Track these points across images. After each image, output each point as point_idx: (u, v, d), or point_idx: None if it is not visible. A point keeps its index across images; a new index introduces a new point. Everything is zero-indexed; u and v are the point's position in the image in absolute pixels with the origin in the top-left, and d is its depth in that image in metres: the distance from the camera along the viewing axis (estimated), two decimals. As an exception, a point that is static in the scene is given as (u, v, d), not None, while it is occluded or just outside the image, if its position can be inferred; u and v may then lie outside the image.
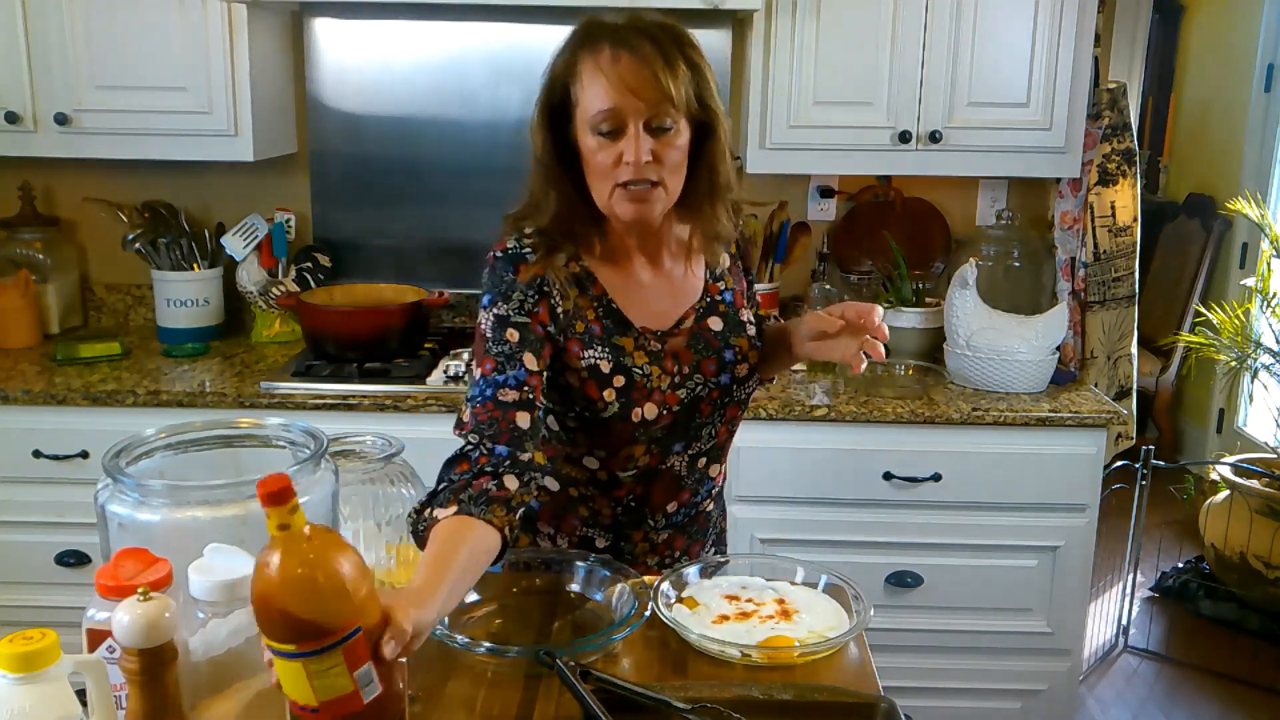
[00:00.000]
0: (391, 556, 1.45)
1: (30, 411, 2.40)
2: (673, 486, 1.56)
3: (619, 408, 1.45)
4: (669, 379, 1.48)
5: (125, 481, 1.14)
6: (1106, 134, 2.71)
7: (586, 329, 1.45)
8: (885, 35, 2.54)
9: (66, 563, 2.47)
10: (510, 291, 1.42)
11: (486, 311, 1.43)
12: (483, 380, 1.38)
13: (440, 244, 2.96)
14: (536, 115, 1.44)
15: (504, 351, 1.39)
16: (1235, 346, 3.51)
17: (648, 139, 1.36)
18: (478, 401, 1.37)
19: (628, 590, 1.39)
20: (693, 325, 1.52)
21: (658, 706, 1.14)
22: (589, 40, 1.38)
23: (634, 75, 1.34)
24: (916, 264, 2.89)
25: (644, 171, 1.36)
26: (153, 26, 2.52)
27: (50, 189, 2.97)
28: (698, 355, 1.51)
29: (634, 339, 1.48)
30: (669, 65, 1.34)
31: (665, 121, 1.36)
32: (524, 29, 2.82)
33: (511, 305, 1.42)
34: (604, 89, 1.34)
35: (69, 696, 0.95)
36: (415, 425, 2.36)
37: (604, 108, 1.35)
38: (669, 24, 1.40)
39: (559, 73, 1.40)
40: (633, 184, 1.38)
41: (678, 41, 1.37)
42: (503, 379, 1.37)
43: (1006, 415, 2.40)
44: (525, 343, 1.40)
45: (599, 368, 1.44)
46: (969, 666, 2.55)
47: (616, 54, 1.34)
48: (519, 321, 1.41)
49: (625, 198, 1.39)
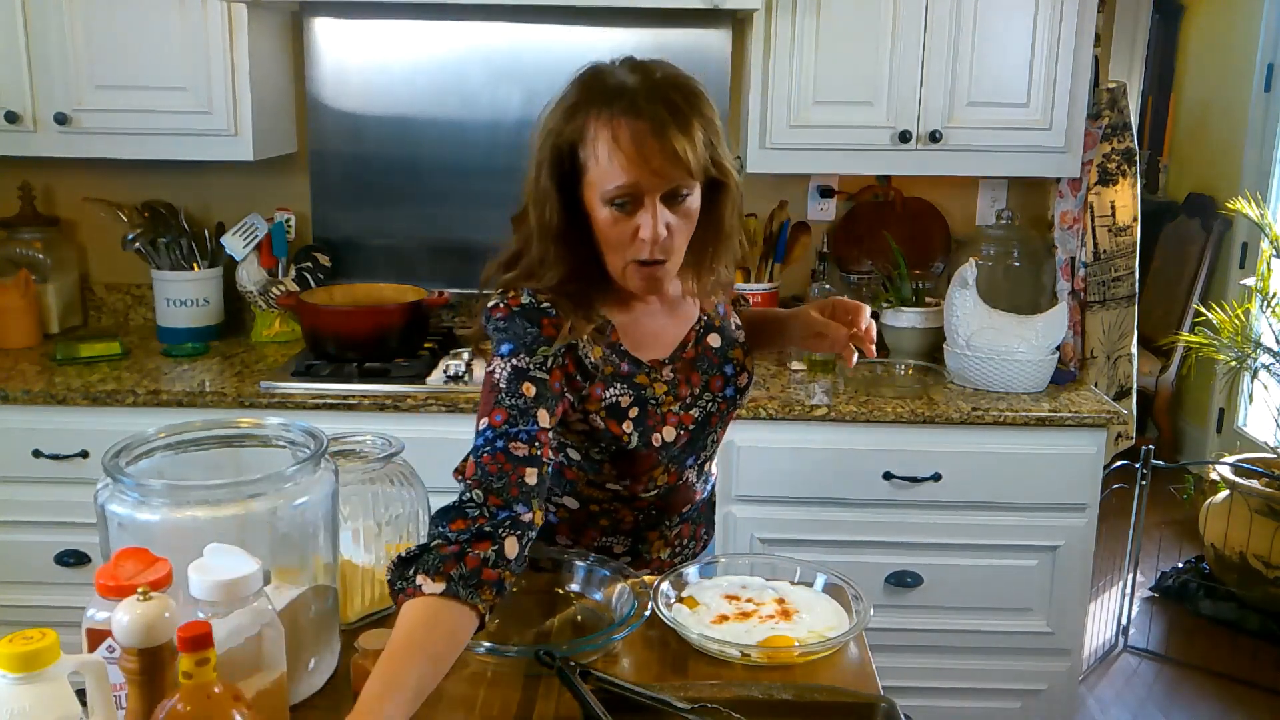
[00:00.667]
0: (391, 556, 1.44)
1: (30, 411, 2.40)
2: (685, 494, 1.60)
3: (639, 436, 1.45)
4: (680, 402, 1.50)
5: (125, 481, 1.14)
6: (1106, 134, 2.71)
7: (614, 371, 1.44)
8: (885, 35, 2.54)
9: (66, 563, 2.47)
10: (535, 346, 1.35)
11: (504, 361, 1.35)
12: (491, 430, 1.31)
13: (440, 244, 2.96)
14: (543, 178, 1.35)
15: (518, 405, 1.32)
16: (1235, 346, 3.51)
17: (665, 212, 1.32)
18: (486, 451, 1.29)
19: (628, 590, 1.39)
20: (695, 347, 1.54)
21: (658, 706, 1.14)
22: (599, 103, 1.30)
23: (653, 150, 1.27)
24: (916, 264, 2.88)
25: (663, 247, 1.33)
26: (153, 26, 2.52)
27: (50, 189, 2.97)
28: (705, 375, 1.54)
29: (647, 374, 1.48)
30: (687, 135, 1.28)
31: (681, 190, 1.32)
32: (524, 29, 2.82)
33: (535, 360, 1.35)
34: (621, 165, 1.28)
35: (69, 696, 0.95)
36: (415, 425, 2.36)
37: (621, 184, 1.29)
38: (680, 81, 1.33)
39: (567, 134, 1.33)
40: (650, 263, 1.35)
41: (690, 101, 1.31)
42: (515, 431, 1.30)
43: (1006, 415, 2.40)
44: (541, 399, 1.33)
45: (619, 404, 1.44)
46: (969, 666, 2.55)
47: (633, 125, 1.28)
48: (538, 377, 1.34)
49: (638, 274, 1.37)
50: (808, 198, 2.97)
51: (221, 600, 1.03)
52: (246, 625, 1.04)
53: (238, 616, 1.04)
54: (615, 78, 1.32)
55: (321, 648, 1.25)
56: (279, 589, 1.18)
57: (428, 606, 1.13)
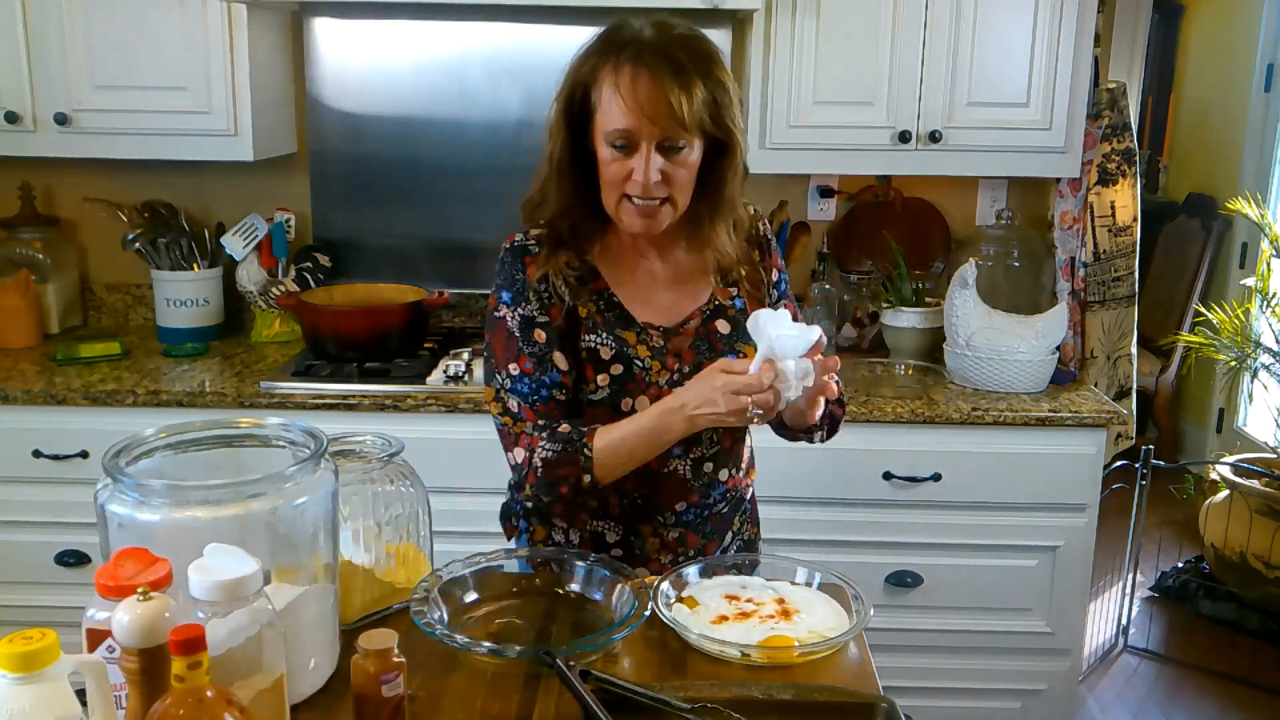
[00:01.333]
0: (391, 556, 1.45)
1: (30, 411, 2.40)
2: (679, 488, 1.57)
3: (608, 394, 1.50)
4: (668, 375, 1.51)
5: (125, 481, 1.14)
6: (1106, 134, 2.71)
7: (589, 317, 1.51)
8: (885, 35, 2.54)
9: (66, 563, 2.47)
10: (525, 290, 1.49)
11: (511, 310, 1.50)
12: (529, 380, 1.48)
13: (440, 244, 2.96)
14: (555, 114, 1.46)
15: (535, 353, 1.48)
16: (1235, 346, 3.51)
17: (658, 158, 1.40)
18: (535, 399, 1.48)
19: (628, 590, 1.39)
20: (699, 326, 1.55)
21: (658, 706, 1.14)
22: (613, 51, 1.41)
23: (650, 99, 1.37)
24: (916, 264, 2.89)
25: (652, 190, 1.41)
26: (153, 26, 2.52)
27: (50, 189, 2.97)
28: (699, 356, 1.53)
29: (636, 333, 1.52)
30: (685, 89, 1.37)
31: (678, 142, 1.40)
32: (524, 29, 2.82)
33: (533, 306, 1.49)
34: (621, 109, 1.38)
35: (69, 696, 0.95)
36: (415, 425, 2.36)
37: (619, 126, 1.39)
38: (695, 40, 1.42)
39: (581, 76, 1.44)
40: (640, 200, 1.43)
41: (700, 61, 1.39)
42: (549, 380, 1.48)
43: (1006, 415, 2.40)
44: (551, 343, 1.49)
45: (598, 353, 1.50)
46: (969, 666, 2.55)
47: (636, 73, 1.37)
48: (543, 321, 1.49)
49: (633, 211, 1.44)
50: (808, 198, 2.97)
51: (221, 600, 1.03)
52: (246, 625, 1.04)
53: (238, 616, 1.04)
54: (632, 29, 1.42)
55: (321, 648, 1.25)
56: (279, 589, 1.18)
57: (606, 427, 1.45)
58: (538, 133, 2.86)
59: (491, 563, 1.48)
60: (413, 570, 1.46)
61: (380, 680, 1.12)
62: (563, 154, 1.46)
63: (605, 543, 1.60)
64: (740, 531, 1.72)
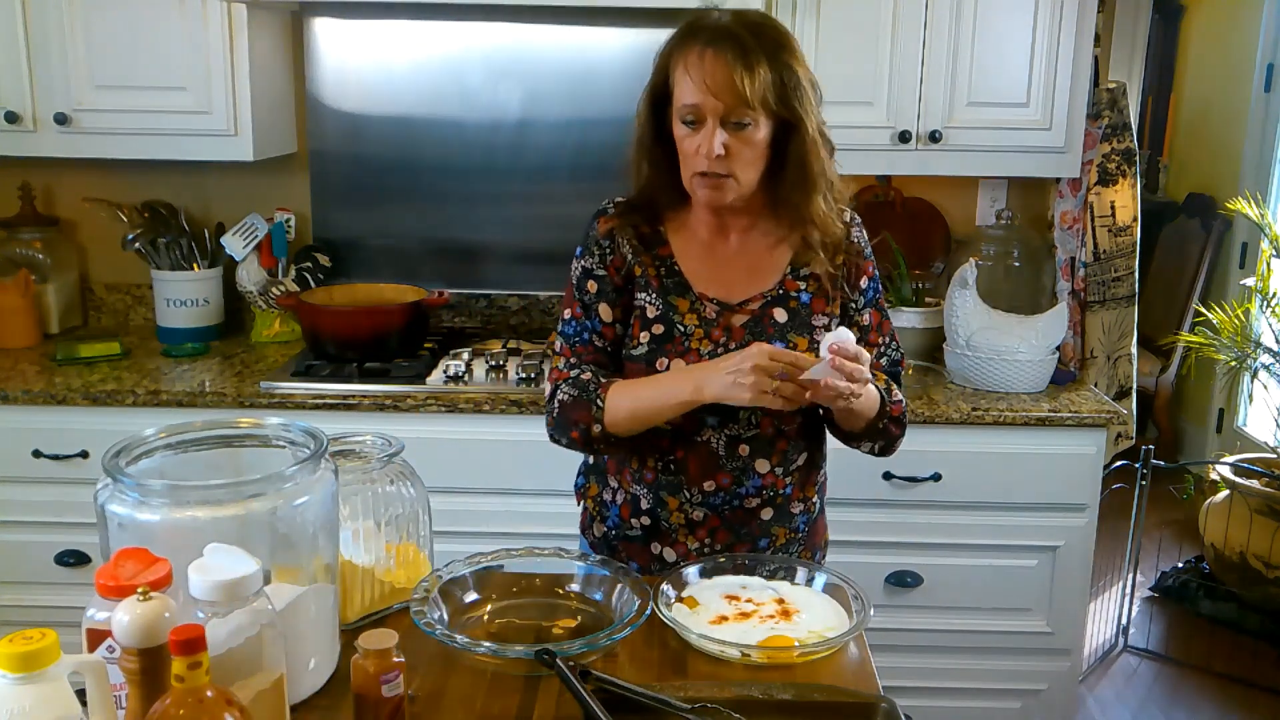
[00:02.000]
0: (391, 556, 1.45)
1: (30, 411, 2.40)
2: (710, 463, 1.58)
3: (645, 351, 1.57)
4: (711, 345, 1.57)
5: (125, 481, 1.14)
6: (1106, 134, 2.71)
7: (643, 276, 1.60)
8: (885, 35, 2.54)
9: (66, 563, 2.47)
10: (592, 246, 1.62)
11: (578, 261, 1.63)
12: (574, 323, 1.62)
13: (440, 244, 2.96)
14: (644, 97, 1.57)
15: (585, 300, 1.61)
16: (1235, 346, 3.51)
17: (723, 134, 1.47)
18: (576, 340, 1.61)
19: (628, 590, 1.40)
20: (757, 310, 1.59)
21: (658, 706, 1.14)
22: (690, 35, 1.50)
23: (714, 76, 1.45)
24: (916, 264, 2.89)
25: (716, 165, 1.49)
26: (153, 26, 2.52)
27: (50, 189, 2.97)
28: (749, 336, 1.57)
29: (690, 302, 1.59)
30: (749, 68, 1.45)
31: (743, 119, 1.47)
32: (524, 29, 2.82)
33: (594, 259, 1.62)
34: (690, 85, 1.47)
35: (69, 696, 0.95)
36: (415, 425, 2.36)
37: (688, 102, 1.48)
38: (767, 25, 1.51)
39: (664, 60, 1.54)
40: (707, 174, 1.50)
41: (767, 44, 1.47)
42: (591, 324, 1.61)
43: (1006, 415, 2.40)
44: (601, 294, 1.61)
45: (645, 311, 1.59)
46: (969, 666, 2.55)
47: (704, 52, 1.47)
48: (599, 274, 1.61)
49: (701, 184, 1.53)
50: (808, 198, 2.96)
51: (221, 600, 1.03)
52: (246, 625, 1.04)
53: (238, 616, 1.04)
54: (711, 17, 1.52)
55: (321, 648, 1.26)
56: (279, 589, 1.18)
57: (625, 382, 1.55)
58: (538, 133, 2.90)
59: (491, 563, 1.48)
60: (413, 570, 1.46)
61: (380, 680, 1.12)
62: (646, 133, 1.56)
63: (639, 508, 1.63)
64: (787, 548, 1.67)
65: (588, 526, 1.74)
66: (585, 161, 2.85)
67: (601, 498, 1.70)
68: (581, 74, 2.83)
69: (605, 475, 1.69)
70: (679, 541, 1.62)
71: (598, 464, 1.71)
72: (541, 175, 2.89)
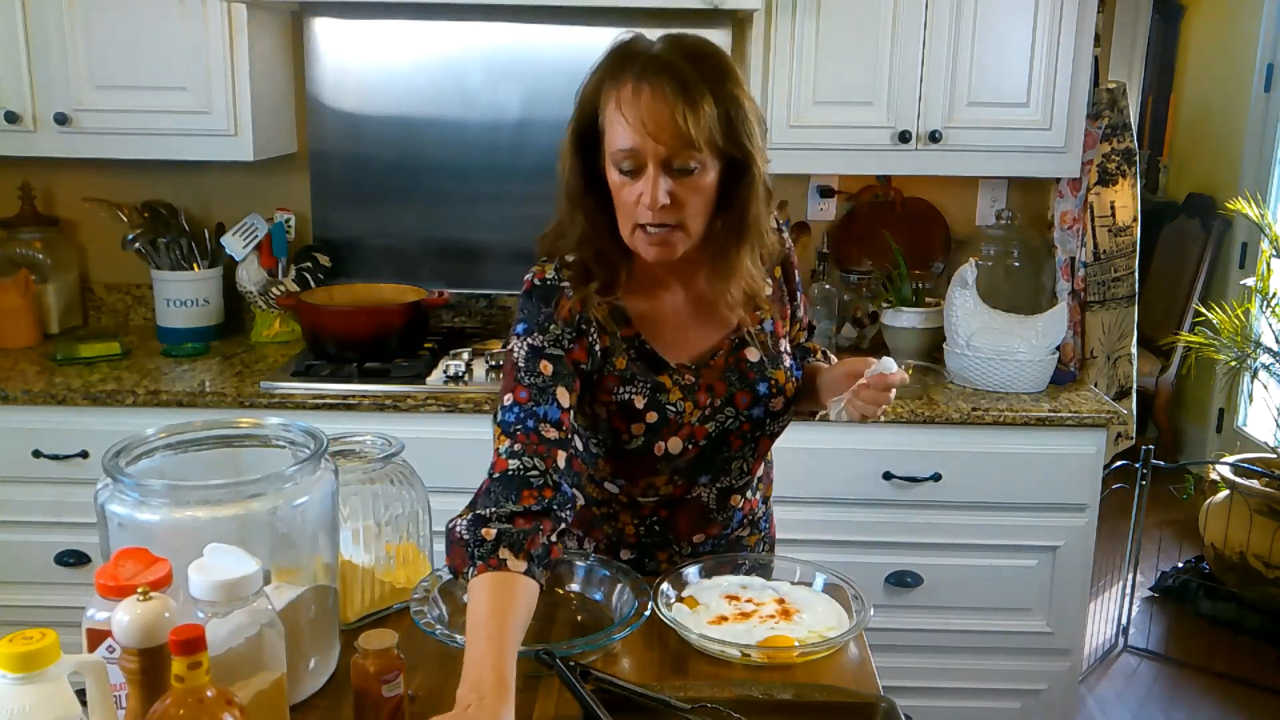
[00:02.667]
0: (391, 556, 1.45)
1: (30, 411, 2.40)
2: (700, 518, 1.54)
3: (643, 442, 1.44)
4: (699, 412, 1.45)
5: (125, 481, 1.14)
6: (1106, 134, 2.71)
7: (627, 366, 1.42)
8: (885, 35, 2.54)
9: (66, 562, 2.47)
10: (547, 324, 1.38)
11: (520, 340, 1.39)
12: (519, 408, 1.33)
13: (440, 244, 2.96)
14: (567, 139, 1.38)
15: (537, 384, 1.34)
16: (1235, 346, 3.51)
17: (667, 180, 1.30)
18: (519, 430, 1.32)
19: (628, 590, 1.39)
20: (727, 356, 1.48)
21: (658, 706, 1.14)
22: (617, 68, 1.32)
23: (653, 116, 1.27)
24: (916, 264, 2.88)
25: (662, 215, 1.32)
26: (153, 26, 2.52)
27: (50, 189, 2.96)
28: (731, 388, 1.47)
29: (669, 376, 1.45)
30: (691, 105, 1.27)
31: (687, 164, 1.30)
32: (524, 29, 2.82)
33: (548, 338, 1.37)
34: (624, 127, 1.29)
35: (68, 696, 0.95)
36: (415, 425, 2.36)
37: (624, 147, 1.30)
38: (707, 53, 1.33)
39: (588, 98, 1.36)
40: (651, 227, 1.33)
41: (710, 75, 1.30)
42: (541, 412, 1.33)
43: (1006, 415, 2.40)
44: (559, 376, 1.36)
45: (632, 404, 1.42)
46: (969, 666, 2.55)
47: (639, 89, 1.28)
48: (553, 354, 1.37)
49: (646, 240, 1.35)
50: (808, 198, 2.97)
51: (221, 600, 1.03)
52: (246, 625, 1.04)
53: (238, 616, 1.04)
54: (640, 45, 1.34)
55: (321, 648, 1.25)
56: (279, 589, 1.18)
57: (515, 588, 1.19)
58: (538, 133, 2.89)
59: (491, 563, 1.48)
60: (413, 570, 1.46)
61: (380, 680, 1.12)
62: (575, 180, 1.38)
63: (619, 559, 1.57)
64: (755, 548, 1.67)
65: None
66: (585, 161, 2.84)
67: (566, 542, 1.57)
68: (581, 74, 2.80)
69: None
70: None
71: None
72: (541, 175, 2.85)
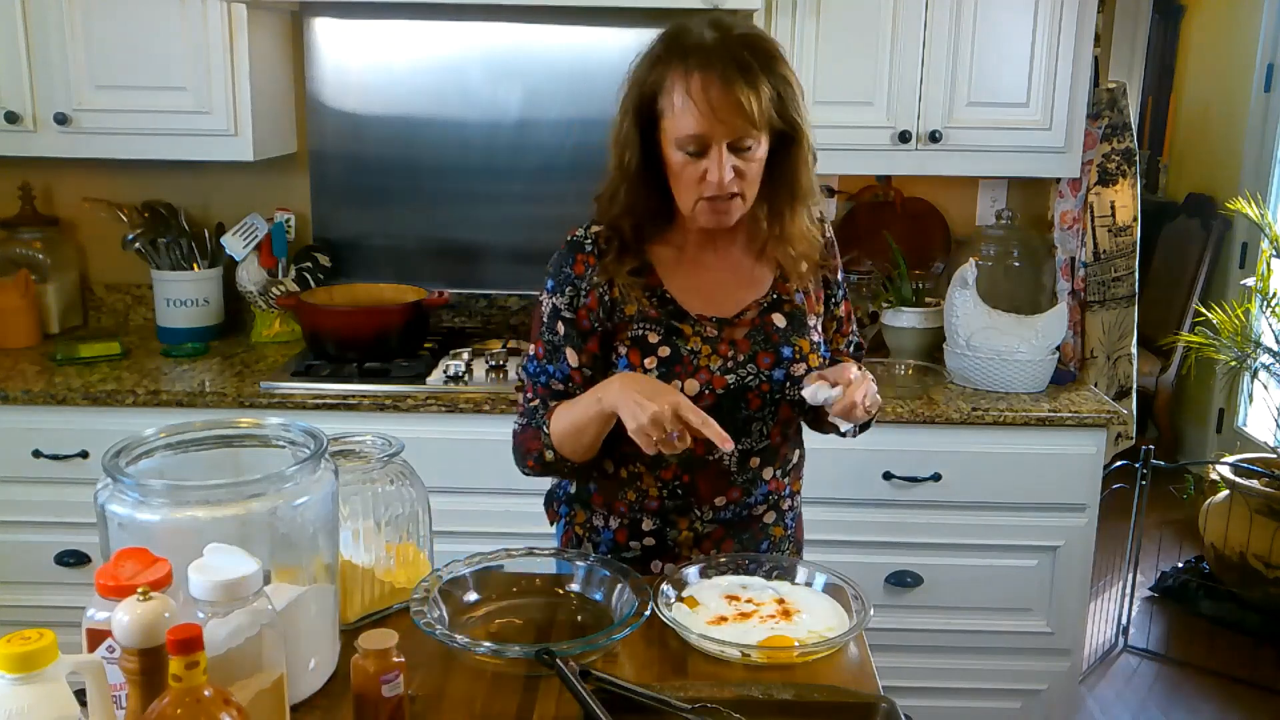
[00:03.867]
0: (391, 556, 1.45)
1: (30, 411, 2.40)
2: (720, 480, 1.58)
3: (657, 376, 1.51)
4: (720, 361, 1.53)
5: (125, 481, 1.14)
6: (1106, 134, 2.71)
7: (639, 310, 1.53)
8: (885, 35, 2.54)
9: (66, 563, 2.47)
10: (565, 285, 1.55)
11: (548, 298, 1.56)
12: (535, 363, 1.57)
13: (440, 244, 2.96)
14: (625, 123, 1.49)
15: (552, 342, 1.55)
16: (1235, 346, 3.51)
17: (730, 157, 1.43)
18: (537, 381, 1.56)
19: (628, 590, 1.39)
20: (755, 317, 1.57)
21: (658, 706, 1.14)
22: (678, 57, 1.43)
23: (721, 103, 1.40)
24: (916, 264, 2.88)
25: (726, 188, 1.45)
26: (153, 26, 2.52)
27: (50, 189, 2.96)
28: (755, 347, 1.55)
29: (691, 326, 1.54)
30: (754, 89, 1.40)
31: (747, 142, 1.43)
32: (524, 29, 2.82)
33: (564, 299, 1.55)
34: (693, 116, 1.41)
35: (67, 696, 0.95)
36: (415, 425, 2.36)
37: (692, 133, 1.42)
38: (757, 37, 1.45)
39: (648, 84, 1.46)
40: (714, 199, 1.46)
41: (763, 59, 1.42)
42: (552, 369, 1.55)
43: (1006, 415, 2.40)
44: (569, 338, 1.54)
45: (646, 339, 1.53)
46: (969, 666, 2.55)
47: (706, 80, 1.40)
48: (567, 317, 1.54)
49: (708, 210, 1.48)
50: (808, 198, 2.96)
51: (221, 600, 1.03)
52: (246, 625, 1.04)
53: (238, 616, 1.04)
54: (695, 34, 1.45)
55: (321, 648, 1.25)
56: (279, 589, 1.18)
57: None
58: (538, 133, 2.89)
59: (491, 563, 1.48)
60: (413, 570, 1.46)
61: (380, 680, 1.12)
62: (636, 162, 1.49)
63: (640, 530, 1.60)
64: (781, 545, 1.68)
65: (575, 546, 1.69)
66: (585, 161, 2.84)
67: (591, 523, 1.65)
68: (581, 74, 2.83)
69: (590, 504, 1.64)
70: (682, 556, 1.60)
71: (580, 494, 1.65)
72: (541, 175, 2.89)
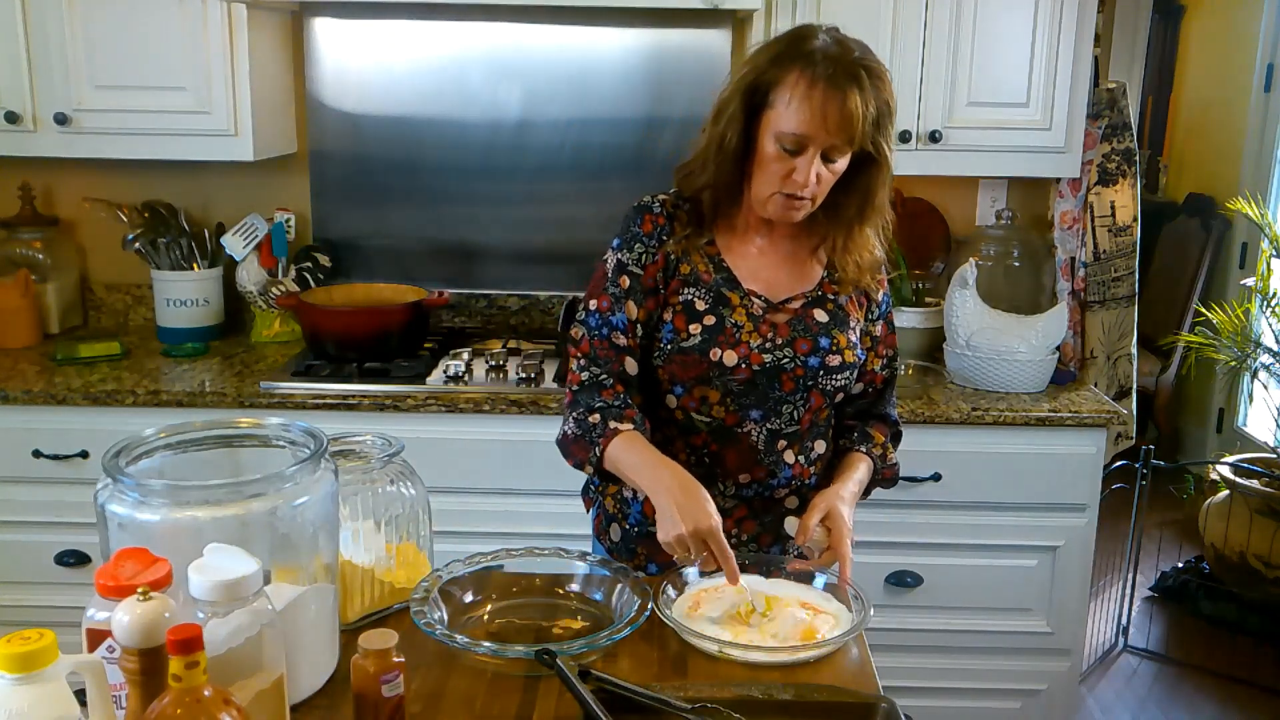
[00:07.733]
0: (391, 556, 1.45)
1: (30, 411, 2.40)
2: (748, 456, 1.60)
3: (699, 341, 1.57)
4: (760, 339, 1.59)
5: (125, 481, 1.14)
6: (1106, 134, 2.71)
7: (693, 271, 1.60)
8: (885, 35, 2.54)
9: (66, 563, 2.47)
10: (634, 242, 1.61)
11: (613, 254, 1.62)
12: (597, 315, 1.60)
13: (440, 244, 2.96)
14: (734, 102, 1.53)
15: (616, 294, 1.60)
16: (1235, 346, 3.51)
17: (819, 164, 1.50)
18: (596, 335, 1.60)
19: (628, 590, 1.40)
20: (799, 309, 1.62)
21: (658, 706, 1.14)
22: (805, 60, 1.48)
23: (833, 115, 1.46)
24: (916, 264, 2.88)
25: (808, 190, 1.52)
26: (153, 26, 2.52)
27: (50, 189, 2.96)
28: (794, 333, 1.60)
29: (739, 296, 1.60)
30: (866, 111, 1.47)
31: (839, 154, 1.51)
32: (524, 29, 2.82)
33: (633, 255, 1.60)
34: (803, 116, 1.47)
35: (67, 696, 0.95)
36: (415, 425, 2.36)
37: (796, 132, 1.48)
38: (871, 61, 1.51)
39: (768, 75, 1.51)
40: (790, 196, 1.53)
41: (876, 81, 1.49)
42: (615, 321, 1.59)
43: (1006, 415, 2.40)
44: (631, 292, 1.59)
45: (694, 304, 1.59)
46: (969, 666, 2.55)
47: (829, 89, 1.46)
48: (634, 271, 1.60)
49: (781, 204, 1.55)
50: (808, 198, 2.96)
51: (221, 600, 1.03)
52: (246, 625, 1.04)
53: (238, 616, 1.04)
54: (821, 43, 1.51)
55: (321, 648, 1.26)
56: (279, 589, 1.18)
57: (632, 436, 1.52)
58: (538, 133, 2.89)
59: (491, 563, 1.48)
60: (413, 570, 1.46)
61: (380, 680, 1.12)
62: (734, 141, 1.53)
63: None
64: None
65: (604, 530, 1.73)
66: (585, 161, 2.85)
67: (622, 495, 1.69)
68: (581, 74, 2.83)
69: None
70: None
71: None
72: (541, 175, 2.89)
